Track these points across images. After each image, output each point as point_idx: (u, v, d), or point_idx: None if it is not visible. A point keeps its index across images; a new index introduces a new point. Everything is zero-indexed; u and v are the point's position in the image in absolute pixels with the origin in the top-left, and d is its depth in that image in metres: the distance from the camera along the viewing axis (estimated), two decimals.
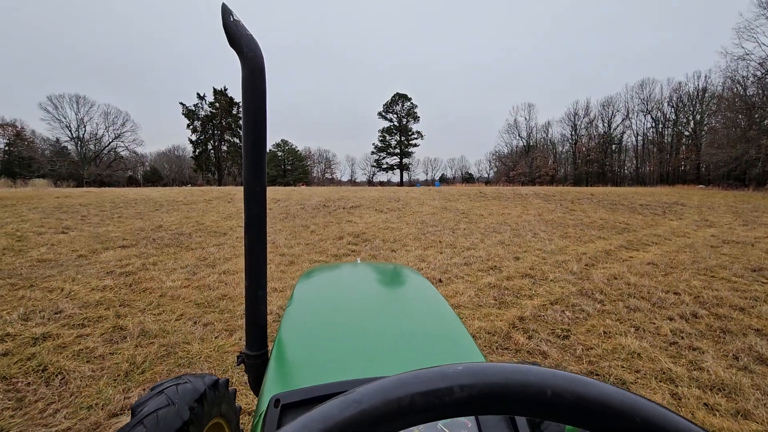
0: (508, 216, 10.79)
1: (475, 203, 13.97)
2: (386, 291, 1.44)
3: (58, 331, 3.23)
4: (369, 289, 1.44)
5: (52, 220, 8.91)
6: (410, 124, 68.65)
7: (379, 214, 10.84)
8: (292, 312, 1.16)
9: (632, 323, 3.58)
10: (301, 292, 1.36)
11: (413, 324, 1.05)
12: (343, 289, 1.45)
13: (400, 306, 1.25)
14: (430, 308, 1.16)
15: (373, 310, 1.18)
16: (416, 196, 15.95)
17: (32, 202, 12.13)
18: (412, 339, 0.95)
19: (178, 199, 13.93)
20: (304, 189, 23.10)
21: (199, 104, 54.17)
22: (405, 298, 1.36)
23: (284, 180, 67.32)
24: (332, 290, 1.46)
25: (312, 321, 1.11)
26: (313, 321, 1.11)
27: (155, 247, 6.39)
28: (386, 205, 12.70)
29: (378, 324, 1.04)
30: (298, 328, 1.05)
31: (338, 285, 1.52)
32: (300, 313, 1.17)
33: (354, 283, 1.52)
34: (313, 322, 1.10)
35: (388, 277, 1.62)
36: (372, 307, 1.21)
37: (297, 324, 1.08)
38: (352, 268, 1.73)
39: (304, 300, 1.29)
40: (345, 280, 1.59)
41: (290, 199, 14.17)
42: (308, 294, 1.37)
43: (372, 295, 1.37)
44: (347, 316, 1.11)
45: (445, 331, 1.01)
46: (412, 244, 7.00)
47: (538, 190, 20.66)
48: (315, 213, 11.01)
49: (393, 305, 1.25)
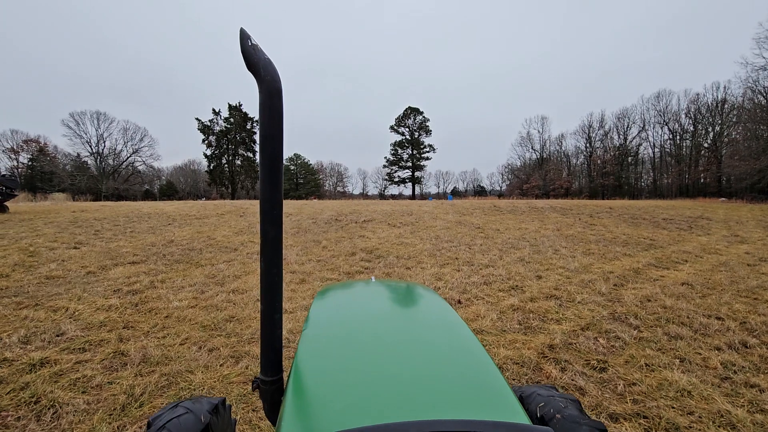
0: (525, 231, 10.43)
1: (490, 217, 13.65)
2: (405, 315, 1.38)
3: (57, 356, 3.06)
4: (387, 313, 1.38)
5: (65, 234, 8.93)
6: (422, 137, 68.85)
7: (392, 229, 10.61)
8: (309, 336, 1.11)
9: (676, 354, 3.24)
10: (317, 314, 1.31)
11: (440, 359, 0.97)
12: (360, 312, 1.39)
13: (423, 336, 1.16)
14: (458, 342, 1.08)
15: (393, 339, 1.11)
16: (429, 210, 15.72)
17: (49, 217, 12.27)
18: (439, 378, 0.86)
19: (191, 214, 13.97)
20: (316, 202, 23.07)
21: (214, 119, 55.33)
22: (427, 325, 1.27)
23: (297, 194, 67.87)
24: (350, 312, 1.40)
25: (331, 349, 1.04)
26: (332, 349, 1.04)
27: (165, 263, 6.26)
28: (399, 220, 12.48)
29: (399, 357, 0.97)
30: (317, 357, 0.98)
31: (356, 307, 1.47)
32: (317, 338, 1.11)
33: (371, 306, 1.47)
34: (333, 351, 1.02)
35: (405, 299, 1.58)
36: (392, 335, 1.14)
37: (315, 351, 1.01)
38: (367, 287, 1.68)
39: (321, 323, 1.24)
40: (362, 301, 1.54)
41: (302, 214, 14.07)
42: (326, 317, 1.31)
43: (391, 319, 1.31)
44: (367, 346, 1.04)
45: (474, 370, 0.92)
46: (428, 261, 6.73)
47: (554, 204, 20.23)
48: (327, 227, 10.84)
49: (415, 334, 1.17)
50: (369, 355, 0.98)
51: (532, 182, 54.12)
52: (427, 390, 0.81)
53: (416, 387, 0.82)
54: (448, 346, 1.06)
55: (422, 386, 0.82)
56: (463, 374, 0.89)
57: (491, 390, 0.82)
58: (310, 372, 0.90)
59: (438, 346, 1.06)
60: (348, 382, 0.84)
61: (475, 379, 0.87)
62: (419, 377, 0.86)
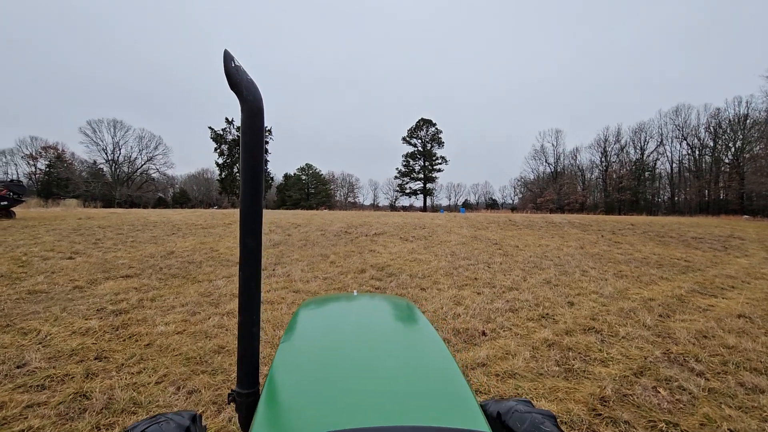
0: (546, 248, 9.77)
1: (507, 232, 13.01)
2: (382, 328, 1.39)
3: (8, 396, 2.56)
4: (365, 326, 1.39)
5: (65, 243, 8.58)
6: (434, 149, 68.41)
7: (405, 243, 10.05)
8: (286, 348, 1.11)
9: (763, 414, 2.60)
10: (297, 327, 1.32)
11: (411, 371, 1.00)
12: (339, 325, 1.41)
13: (397, 348, 1.19)
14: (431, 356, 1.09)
15: (368, 351, 1.11)
16: (442, 223, 15.15)
17: (54, 223, 12.03)
18: (407, 388, 0.89)
19: (198, 223, 13.63)
20: (326, 213, 22.64)
21: (227, 128, 55.85)
22: (402, 338, 1.31)
23: (307, 204, 67.78)
24: (329, 325, 1.42)
25: (307, 361, 1.05)
26: (307, 361, 1.05)
27: (159, 278, 5.79)
28: (411, 233, 11.92)
29: (372, 368, 0.98)
30: (292, 368, 1.00)
31: (335, 320, 1.48)
32: (294, 350, 1.12)
33: (350, 319, 1.48)
34: (308, 362, 1.04)
35: (384, 313, 1.60)
36: (368, 347, 1.15)
37: (291, 363, 1.03)
38: (349, 301, 1.68)
39: (299, 335, 1.26)
40: (342, 314, 1.55)
41: (311, 225, 13.62)
42: (304, 329, 1.33)
43: (368, 332, 1.32)
44: (343, 358, 1.05)
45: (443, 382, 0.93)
46: (444, 281, 6.15)
47: (571, 219, 19.47)
48: (336, 240, 10.33)
49: (390, 346, 1.19)
50: (343, 366, 1.00)
51: (546, 196, 53.00)
52: (394, 399, 0.83)
53: (385, 397, 0.84)
54: (419, 359, 1.09)
55: (390, 396, 0.85)
56: (430, 384, 0.92)
57: (456, 399, 0.85)
58: (284, 382, 0.92)
59: (410, 358, 1.09)
60: (320, 392, 0.86)
61: (442, 389, 0.90)
62: (389, 388, 0.89)
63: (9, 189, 13.05)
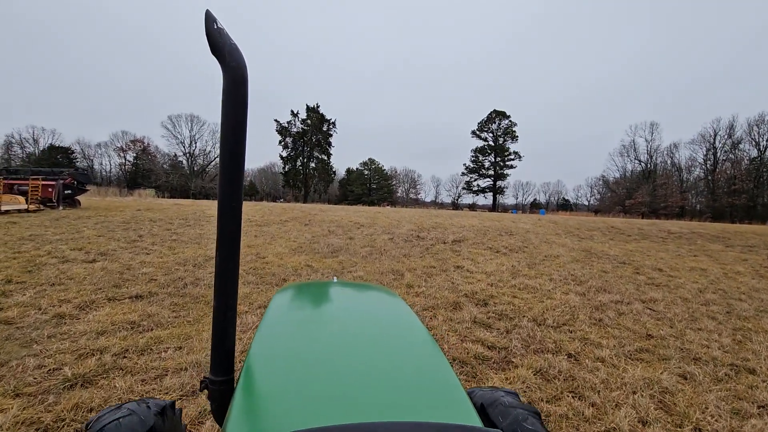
0: (704, 274, 6.85)
1: (624, 245, 10.06)
2: (363, 316, 1.31)
3: None
4: (345, 314, 1.33)
5: (102, 239, 7.50)
6: (507, 143, 63.55)
7: (497, 256, 7.70)
8: (263, 335, 1.06)
9: None
10: (274, 314, 1.25)
11: (395, 360, 0.95)
12: (318, 312, 1.35)
13: (380, 337, 1.12)
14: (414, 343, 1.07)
15: (350, 340, 1.06)
16: (530, 228, 12.44)
17: (110, 214, 11.41)
18: (393, 379, 0.85)
19: (254, 218, 12.38)
20: (390, 211, 20.71)
21: (292, 121, 56.46)
22: (385, 327, 1.22)
23: (369, 199, 66.92)
24: (307, 312, 1.36)
25: (285, 349, 1.00)
26: (286, 349, 1.00)
27: (175, 304, 4.14)
28: (499, 241, 9.51)
29: (354, 358, 0.94)
30: (270, 357, 0.95)
31: (314, 307, 1.42)
32: (272, 337, 1.06)
33: (330, 306, 1.42)
34: (286, 350, 0.99)
35: (365, 300, 1.52)
36: (349, 336, 1.09)
37: (268, 351, 0.98)
38: (327, 288, 1.62)
39: (277, 323, 1.19)
40: (321, 301, 1.47)
41: (375, 225, 11.71)
42: (282, 316, 1.25)
43: (348, 320, 1.25)
44: (323, 346, 1.01)
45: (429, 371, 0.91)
46: (595, 333, 3.78)
47: (691, 227, 15.58)
48: (408, 248, 8.27)
49: (372, 335, 1.12)
50: (323, 355, 0.96)
51: (636, 198, 46.11)
52: (380, 391, 0.80)
53: (370, 388, 0.80)
54: (404, 347, 1.05)
55: (376, 387, 0.81)
56: (417, 376, 0.88)
57: (444, 391, 0.82)
58: (262, 371, 0.87)
59: (394, 347, 1.05)
60: (300, 382, 0.82)
61: (430, 380, 0.86)
62: (374, 378, 0.85)
63: (74, 178, 12.94)
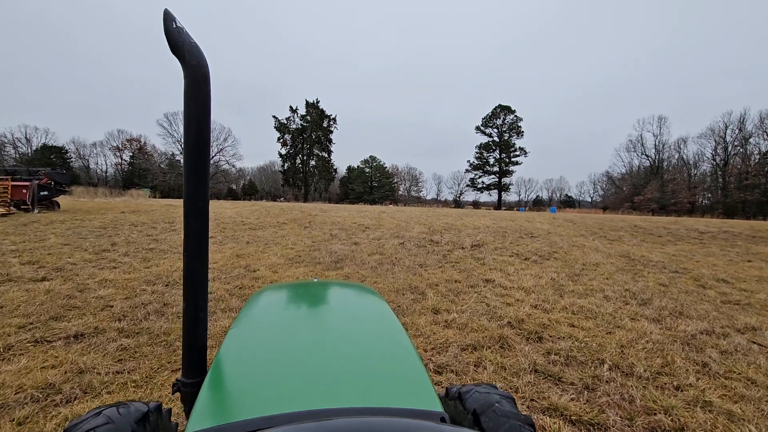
0: None
1: (663, 249, 8.96)
2: (339, 313, 1.32)
3: None
4: (320, 311, 1.34)
5: (67, 249, 6.40)
6: (513, 139, 62.09)
7: (528, 265, 6.59)
8: (235, 335, 1.03)
9: None
10: (248, 314, 1.22)
11: (362, 354, 0.95)
12: (293, 312, 1.32)
13: (352, 332, 1.10)
14: (385, 336, 1.07)
15: (322, 335, 1.07)
16: (549, 229, 11.33)
17: (88, 218, 10.29)
18: (361, 370, 0.85)
19: (248, 221, 11.27)
20: (395, 210, 19.51)
21: (290, 117, 55.12)
22: (359, 322, 1.21)
23: (370, 197, 65.66)
24: (282, 312, 1.31)
25: (255, 345, 0.99)
26: (256, 345, 0.99)
27: (124, 347, 3.02)
28: (522, 245, 8.42)
29: (325, 351, 0.94)
30: (239, 353, 0.94)
31: (289, 307, 1.37)
32: (243, 336, 1.04)
33: (305, 305, 1.40)
34: (257, 347, 0.98)
35: (342, 298, 1.53)
36: (322, 331, 1.11)
37: (238, 348, 0.96)
38: (304, 288, 1.61)
39: (250, 322, 1.16)
40: (298, 301, 1.44)
41: (382, 227, 10.58)
42: (256, 316, 1.23)
43: (323, 317, 1.28)
44: (294, 342, 1.00)
45: (396, 361, 0.92)
46: (712, 391, 2.67)
47: (717, 225, 14.47)
48: (422, 255, 7.15)
49: (345, 330, 1.12)
50: (294, 349, 0.95)
51: (646, 194, 44.77)
52: (347, 381, 0.80)
53: (337, 379, 0.80)
54: (375, 341, 1.04)
55: (343, 378, 0.81)
56: (384, 367, 0.88)
57: (411, 381, 0.82)
58: (230, 366, 0.87)
59: (366, 340, 1.04)
60: (267, 376, 0.81)
61: (396, 371, 0.86)
62: (342, 369, 0.84)
63: (50, 178, 11.81)
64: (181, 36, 0.83)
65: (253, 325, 1.14)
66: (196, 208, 0.89)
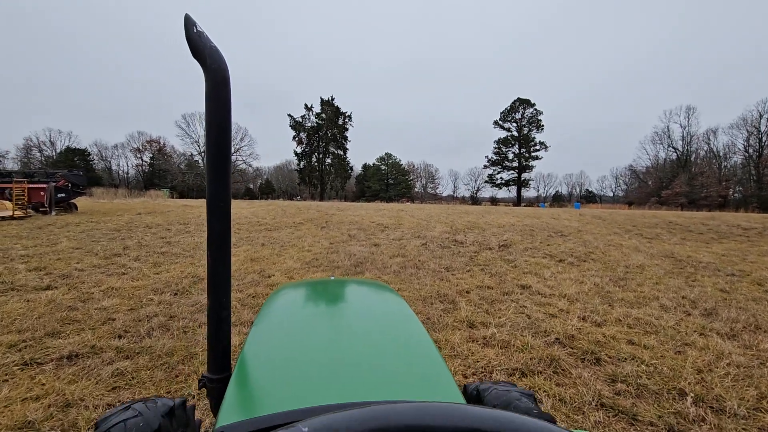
0: None
1: (708, 247, 8.21)
2: (358, 310, 1.30)
3: None
4: (340, 308, 1.33)
5: (77, 254, 6.18)
6: (532, 133, 60.45)
7: (565, 268, 6.02)
8: (257, 333, 1.05)
9: None
10: (268, 312, 1.23)
11: (384, 350, 0.95)
12: (313, 309, 1.32)
13: (372, 329, 1.10)
14: (405, 332, 1.08)
15: (342, 333, 1.07)
16: (578, 226, 10.67)
17: (104, 219, 10.17)
18: (384, 366, 0.85)
19: (264, 221, 10.98)
20: (414, 208, 18.97)
21: (306, 115, 55.00)
22: (378, 319, 1.21)
23: (386, 195, 65.14)
24: (302, 310, 1.32)
25: (279, 342, 1.00)
26: (280, 342, 1.00)
27: (120, 372, 2.66)
28: (553, 245, 7.83)
29: (345, 349, 0.94)
30: (262, 350, 0.95)
31: (309, 304, 1.37)
32: (265, 334, 1.05)
33: (325, 302, 1.39)
34: (281, 344, 0.99)
35: (360, 295, 1.52)
36: (341, 329, 1.10)
37: (263, 345, 0.97)
38: (323, 285, 1.60)
39: (271, 320, 1.17)
40: (316, 298, 1.44)
41: (402, 226, 10.12)
42: (276, 314, 1.23)
43: (343, 314, 1.26)
44: (317, 339, 1.01)
45: (417, 356, 0.92)
46: None
47: (758, 219, 13.42)
48: (448, 257, 6.67)
49: (365, 327, 1.11)
50: (316, 346, 0.95)
51: (674, 188, 42.78)
52: (372, 376, 0.80)
53: (361, 373, 0.81)
54: (396, 336, 1.05)
55: (368, 372, 0.82)
56: (406, 363, 0.88)
57: (433, 376, 0.82)
58: (256, 363, 0.87)
59: (386, 336, 1.05)
60: (293, 370, 0.82)
61: (419, 366, 0.87)
62: (365, 364, 0.85)
63: (67, 180, 11.78)
64: (201, 40, 0.84)
65: (274, 322, 1.15)
66: (218, 208, 0.89)
